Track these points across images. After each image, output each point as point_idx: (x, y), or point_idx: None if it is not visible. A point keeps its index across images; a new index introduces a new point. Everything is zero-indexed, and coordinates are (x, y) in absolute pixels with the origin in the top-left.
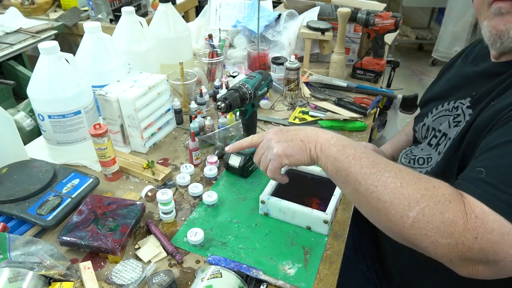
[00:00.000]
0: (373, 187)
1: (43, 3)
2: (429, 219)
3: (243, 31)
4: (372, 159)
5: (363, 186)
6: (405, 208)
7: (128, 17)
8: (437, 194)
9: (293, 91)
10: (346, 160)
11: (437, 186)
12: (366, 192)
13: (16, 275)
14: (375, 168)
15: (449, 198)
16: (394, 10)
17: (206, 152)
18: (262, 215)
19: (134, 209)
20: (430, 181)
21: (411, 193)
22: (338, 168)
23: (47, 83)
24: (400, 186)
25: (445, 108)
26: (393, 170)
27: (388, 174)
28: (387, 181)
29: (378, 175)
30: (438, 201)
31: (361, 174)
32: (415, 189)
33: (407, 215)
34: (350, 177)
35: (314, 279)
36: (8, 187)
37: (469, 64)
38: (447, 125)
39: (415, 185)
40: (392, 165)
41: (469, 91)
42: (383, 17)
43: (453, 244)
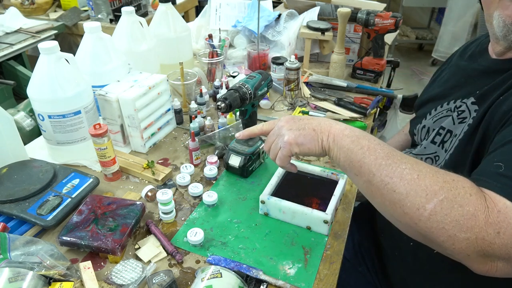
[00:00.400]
0: (388, 179)
1: (43, 3)
2: (447, 212)
3: (243, 31)
4: (387, 151)
5: (377, 178)
6: (422, 200)
7: (128, 17)
8: (456, 187)
9: (293, 91)
10: (360, 151)
11: (456, 179)
12: (380, 183)
13: (16, 275)
14: (391, 159)
15: (470, 191)
16: (394, 10)
17: (206, 152)
18: (262, 215)
19: (134, 209)
20: (449, 174)
21: (429, 184)
22: (351, 159)
23: (47, 83)
24: (417, 178)
25: (445, 109)
26: (409, 162)
27: (404, 166)
28: (403, 173)
29: (393, 166)
30: (458, 194)
31: (376, 165)
32: (433, 181)
33: (424, 207)
34: (364, 168)
35: (314, 279)
36: (8, 187)
37: (467, 62)
38: (451, 122)
39: (433, 177)
40: (408, 157)
41: (470, 90)
42: (383, 17)
43: (472, 239)
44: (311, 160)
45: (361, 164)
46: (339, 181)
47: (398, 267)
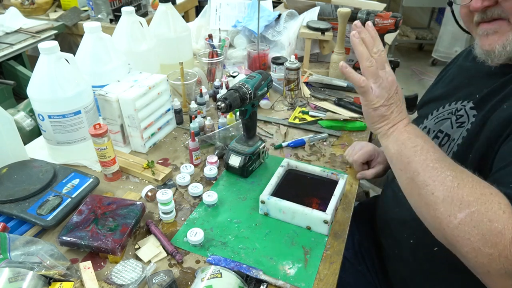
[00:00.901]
0: (430, 181)
1: (43, 3)
2: (476, 224)
3: (243, 31)
4: (439, 156)
5: (421, 177)
6: (455, 208)
7: (128, 17)
8: (492, 201)
9: (293, 91)
10: (413, 149)
11: (494, 193)
12: (422, 184)
13: (16, 275)
14: (438, 163)
15: (504, 209)
16: (394, 10)
17: (206, 152)
18: (262, 215)
19: (134, 209)
20: (489, 188)
21: (466, 194)
22: (402, 153)
23: (47, 83)
24: (457, 187)
25: (446, 110)
26: (455, 170)
27: (449, 173)
28: (446, 179)
29: (439, 171)
30: (491, 208)
31: (423, 166)
32: (470, 192)
33: (455, 215)
34: (411, 165)
35: (314, 279)
36: (8, 187)
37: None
38: (449, 126)
39: (472, 188)
40: (457, 166)
41: (472, 91)
42: (383, 17)
43: (495, 255)
44: (311, 160)
45: (410, 161)
46: (339, 181)
47: (398, 267)
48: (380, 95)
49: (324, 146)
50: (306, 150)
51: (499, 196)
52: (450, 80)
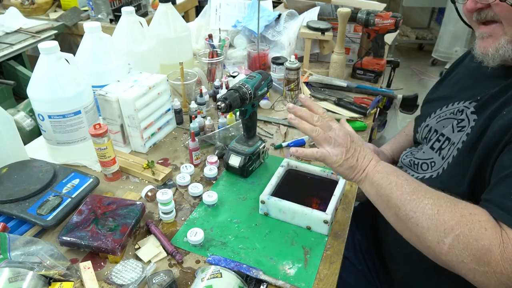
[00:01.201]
0: (412, 213)
1: (43, 3)
2: (464, 246)
3: (243, 31)
4: (414, 187)
5: (402, 212)
6: (440, 235)
7: (128, 17)
8: (472, 221)
9: (293, 91)
10: (388, 187)
11: (473, 213)
12: (405, 217)
13: (16, 275)
14: (415, 195)
15: (485, 226)
16: (394, 10)
17: (206, 152)
18: (262, 215)
19: (134, 209)
20: (467, 208)
21: (447, 219)
22: (380, 194)
23: (47, 83)
24: (437, 213)
25: (449, 110)
26: (432, 197)
27: (427, 201)
28: (425, 208)
29: (417, 201)
30: (473, 228)
31: (401, 200)
32: (451, 216)
33: (443, 241)
34: (391, 203)
35: (314, 279)
36: (8, 187)
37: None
38: (450, 129)
39: (451, 212)
40: (432, 192)
41: (474, 93)
42: (383, 17)
43: (490, 272)
44: (311, 160)
45: (389, 199)
46: (339, 181)
47: (399, 265)
48: (339, 153)
49: None
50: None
51: (478, 213)
52: (456, 81)
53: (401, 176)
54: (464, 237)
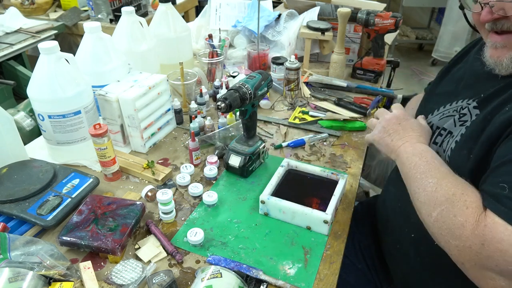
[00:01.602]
0: (416, 189)
1: (43, 3)
2: (444, 220)
3: (243, 31)
4: (428, 167)
5: (412, 188)
6: (430, 208)
7: (128, 17)
8: (459, 199)
9: (293, 91)
10: (409, 166)
11: (465, 193)
12: (413, 192)
13: (16, 275)
14: (425, 174)
15: (468, 205)
16: (394, 10)
17: (206, 152)
18: (262, 215)
19: (134, 209)
20: (463, 188)
21: (440, 196)
22: (403, 172)
23: (47, 83)
24: (435, 191)
25: (452, 107)
26: (437, 177)
27: (431, 180)
28: (427, 185)
29: (424, 179)
30: (456, 205)
31: (413, 178)
32: (444, 193)
33: (430, 215)
34: (408, 180)
35: (314, 279)
36: (8, 187)
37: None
38: (452, 124)
39: (446, 190)
40: (442, 172)
41: (478, 91)
42: (383, 17)
43: (461, 246)
44: (311, 160)
45: (407, 177)
46: (339, 181)
47: (399, 263)
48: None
49: (324, 146)
50: (306, 150)
51: (469, 194)
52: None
53: (423, 157)
54: (447, 212)
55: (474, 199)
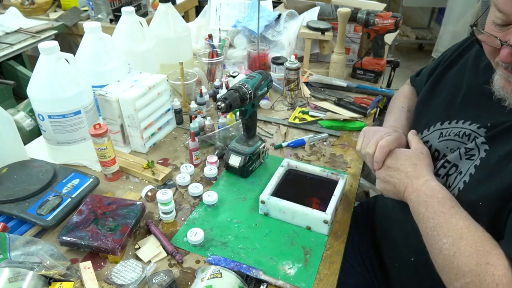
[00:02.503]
0: (431, 248)
1: (43, 3)
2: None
3: (243, 31)
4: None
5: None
6: (451, 277)
7: (128, 17)
8: (486, 272)
9: (293, 91)
10: (417, 217)
11: (491, 263)
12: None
13: (16, 275)
14: (436, 231)
15: (498, 281)
16: (394, 10)
17: (206, 152)
18: (262, 215)
19: (134, 209)
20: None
21: (461, 264)
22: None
23: (47, 83)
24: (453, 255)
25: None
26: (452, 237)
27: (446, 240)
28: (443, 247)
29: (437, 239)
30: (485, 280)
31: (425, 234)
32: (466, 261)
33: (453, 284)
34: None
35: (314, 279)
36: (8, 187)
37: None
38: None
39: (468, 257)
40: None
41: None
42: (383, 17)
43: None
44: (311, 160)
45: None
46: (339, 181)
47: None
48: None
49: (324, 146)
50: (306, 150)
51: (495, 266)
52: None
53: (430, 207)
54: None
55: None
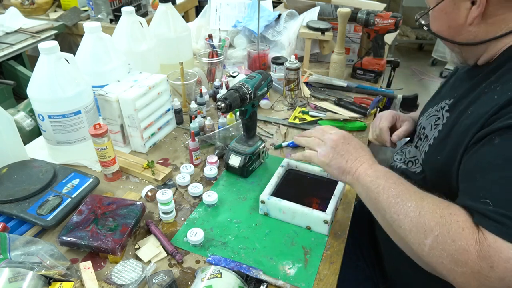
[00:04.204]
0: (396, 216)
1: (43, 3)
2: (443, 247)
3: (243, 31)
4: (400, 189)
5: (388, 214)
6: (421, 236)
7: (128, 17)
8: (450, 221)
9: (293, 91)
10: (376, 190)
11: (453, 213)
12: (390, 220)
13: (16, 275)
14: (400, 197)
15: (462, 225)
16: (394, 10)
17: (206, 152)
18: (262, 215)
19: (134, 209)
20: (448, 207)
21: (427, 221)
22: (369, 197)
23: (47, 83)
24: (419, 215)
25: (435, 108)
26: (415, 200)
27: (410, 204)
28: (408, 210)
29: (401, 204)
30: (451, 228)
31: (387, 203)
32: (431, 217)
33: (423, 243)
34: (378, 205)
35: (314, 279)
36: (8, 187)
37: None
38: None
39: (432, 213)
40: (417, 193)
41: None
42: (383, 17)
43: (468, 273)
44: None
45: (376, 202)
46: (339, 181)
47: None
48: (326, 153)
49: None
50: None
51: (457, 214)
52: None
53: (390, 179)
54: (443, 238)
55: (464, 217)
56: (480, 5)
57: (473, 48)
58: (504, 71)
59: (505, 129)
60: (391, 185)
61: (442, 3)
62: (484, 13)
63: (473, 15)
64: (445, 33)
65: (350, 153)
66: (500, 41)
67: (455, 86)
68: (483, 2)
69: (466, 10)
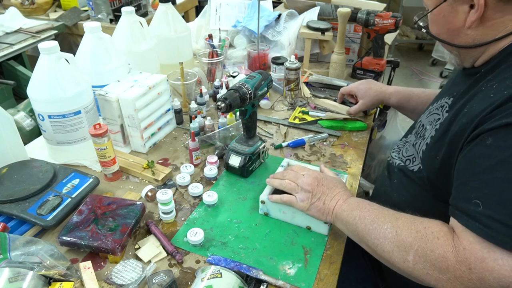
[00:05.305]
0: (376, 240)
1: (43, 3)
2: (424, 259)
3: (243, 31)
4: (374, 215)
5: (370, 241)
6: (403, 254)
7: (128, 17)
8: (426, 234)
9: (293, 91)
10: (353, 222)
11: (427, 226)
12: (373, 246)
13: (16, 275)
14: (376, 223)
15: (437, 235)
16: (394, 10)
17: (206, 152)
18: (262, 215)
19: (134, 209)
20: (422, 222)
21: (405, 238)
22: (350, 230)
23: (47, 83)
24: (396, 234)
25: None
26: (389, 221)
27: (386, 226)
28: (386, 232)
29: (378, 229)
30: (428, 240)
31: (366, 231)
32: (408, 234)
33: (407, 260)
34: (360, 235)
35: (314, 279)
36: (8, 187)
37: None
38: (429, 125)
39: (408, 230)
40: (390, 215)
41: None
42: (383, 17)
43: (453, 278)
44: (311, 160)
45: (357, 233)
46: None
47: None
48: (305, 198)
49: (324, 146)
50: (306, 150)
51: (431, 226)
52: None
53: (363, 208)
54: (422, 250)
55: (437, 228)
56: (478, 9)
57: (471, 51)
58: (501, 70)
59: (497, 128)
60: (365, 214)
61: (440, 6)
62: (482, 16)
63: (472, 18)
64: (444, 35)
65: (325, 194)
66: (498, 43)
67: (455, 84)
68: (481, 6)
69: (464, 13)
